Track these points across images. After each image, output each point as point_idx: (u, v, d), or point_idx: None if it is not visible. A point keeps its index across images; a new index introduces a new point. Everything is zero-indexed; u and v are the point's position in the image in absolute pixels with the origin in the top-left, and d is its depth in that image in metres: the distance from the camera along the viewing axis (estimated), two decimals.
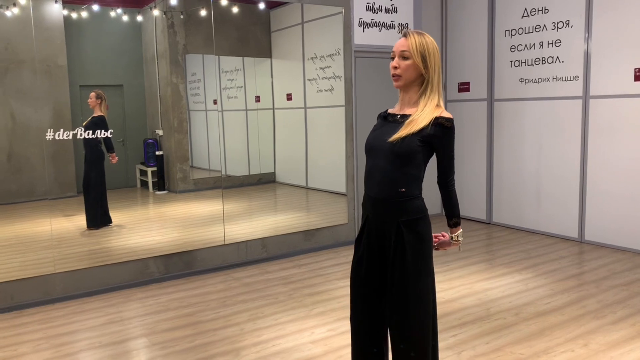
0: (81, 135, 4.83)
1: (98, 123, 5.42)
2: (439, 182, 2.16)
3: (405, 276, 2.08)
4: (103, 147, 5.56)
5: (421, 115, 2.04)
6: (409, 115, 2.08)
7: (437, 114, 2.05)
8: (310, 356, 3.24)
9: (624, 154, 5.30)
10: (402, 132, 2.04)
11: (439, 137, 2.05)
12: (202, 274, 4.94)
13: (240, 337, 3.54)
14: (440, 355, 3.24)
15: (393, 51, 2.12)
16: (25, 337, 3.65)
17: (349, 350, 3.25)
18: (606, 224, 5.51)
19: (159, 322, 3.83)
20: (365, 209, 2.20)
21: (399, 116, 2.13)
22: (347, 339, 3.46)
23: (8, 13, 5.96)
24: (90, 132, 5.18)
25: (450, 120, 2.05)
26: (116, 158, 5.52)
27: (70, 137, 4.95)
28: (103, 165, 5.68)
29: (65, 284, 4.37)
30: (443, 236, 2.26)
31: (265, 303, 4.16)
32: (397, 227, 2.07)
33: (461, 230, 2.23)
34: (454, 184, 2.16)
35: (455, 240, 2.24)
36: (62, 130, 4.89)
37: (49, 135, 4.62)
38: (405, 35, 2.10)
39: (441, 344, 3.38)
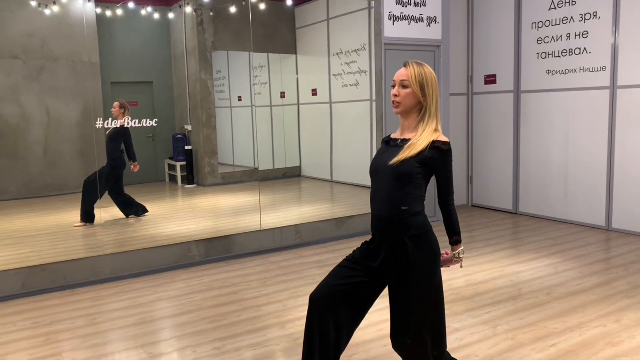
0: (128, 124, 5.03)
1: (120, 133, 5.60)
2: (439, 202, 2.30)
3: (410, 289, 2.19)
4: (125, 157, 5.75)
5: (419, 139, 2.20)
6: (409, 140, 2.24)
7: (434, 137, 2.20)
8: None
9: None
10: (401, 155, 2.19)
11: (436, 159, 2.19)
12: (240, 257, 5.15)
13: (283, 312, 3.73)
14: (476, 329, 3.40)
15: (394, 80, 2.29)
16: (80, 312, 3.88)
17: (388, 324, 3.42)
18: (633, 211, 5.59)
19: (205, 300, 4.03)
20: (373, 228, 2.33)
21: (399, 140, 2.28)
22: (384, 314, 3.62)
23: (46, 12, 6.23)
24: (113, 136, 5.39)
25: (446, 143, 2.20)
26: (138, 167, 5.71)
27: (118, 125, 5.17)
28: (121, 174, 5.84)
29: (113, 265, 4.60)
30: (446, 254, 2.37)
31: (303, 283, 4.35)
32: (402, 242, 2.20)
33: (462, 247, 2.35)
34: (453, 203, 2.29)
35: (457, 258, 2.35)
36: (110, 119, 5.11)
37: (99, 124, 4.84)
38: (405, 65, 2.27)
39: (475, 320, 3.53)
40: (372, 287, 2.30)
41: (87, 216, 5.61)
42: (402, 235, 2.19)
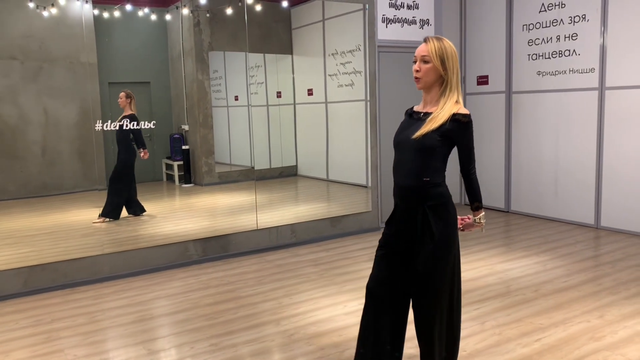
0: (126, 126, 5.13)
1: (129, 120, 5.68)
2: (461, 171, 2.42)
3: (433, 255, 2.33)
4: (134, 145, 5.84)
5: (441, 112, 2.30)
6: (431, 113, 2.34)
7: (455, 110, 2.29)
8: (344, 325, 3.53)
9: (638, 142, 5.51)
10: (424, 129, 2.29)
11: (457, 131, 2.29)
12: (237, 256, 5.26)
13: (279, 310, 3.84)
14: (465, 325, 3.51)
15: (415, 56, 2.38)
16: (81, 310, 3.98)
17: None
18: (622, 210, 5.72)
19: (202, 298, 4.14)
20: (395, 197, 2.46)
21: (422, 114, 2.39)
22: None
23: (44, 13, 6.31)
24: (126, 122, 5.47)
25: (467, 115, 2.30)
26: (147, 154, 5.81)
27: (117, 128, 5.27)
28: (133, 162, 5.94)
29: (112, 265, 4.71)
30: (468, 219, 2.51)
31: (298, 281, 4.46)
32: (423, 211, 2.33)
33: (483, 213, 2.49)
34: (474, 171, 2.41)
35: (478, 222, 2.49)
36: (109, 121, 5.20)
37: (98, 126, 4.94)
38: (425, 41, 2.36)
39: (465, 316, 3.64)
40: (408, 265, 2.44)
41: (114, 212, 5.70)
42: (423, 205, 2.32)
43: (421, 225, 2.33)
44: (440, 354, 2.46)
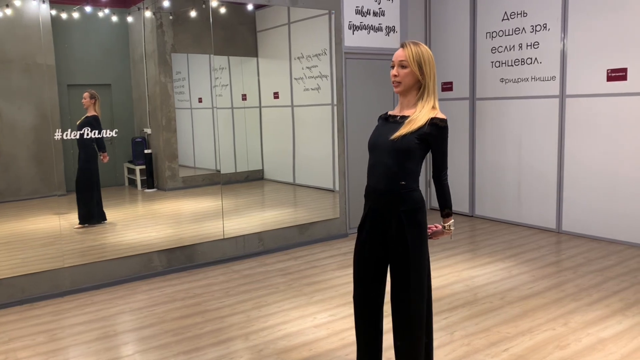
0: (88, 135, 4.98)
1: (92, 123, 5.53)
2: (433, 176, 2.45)
3: (406, 257, 2.36)
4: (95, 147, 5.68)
5: (419, 115, 2.32)
6: (408, 116, 2.34)
7: (432, 115, 2.32)
8: (314, 339, 3.50)
9: (598, 149, 5.68)
10: (402, 130, 2.31)
11: (434, 135, 2.32)
12: (203, 267, 5.16)
13: (247, 323, 3.78)
14: (435, 335, 3.52)
15: (392, 61, 2.39)
16: (40, 327, 3.83)
17: (350, 332, 3.52)
18: (582, 215, 5.88)
19: (167, 312, 4.04)
20: (369, 200, 2.46)
21: (399, 117, 2.40)
22: (348, 322, 3.72)
23: None
24: (87, 130, 5.31)
25: (444, 120, 2.34)
26: (107, 157, 5.66)
27: (78, 137, 5.10)
28: (97, 164, 5.80)
29: (74, 278, 4.55)
30: (436, 227, 2.52)
31: (266, 292, 4.41)
32: (398, 216, 2.33)
33: (453, 220, 2.51)
34: (446, 178, 2.45)
35: (448, 229, 2.51)
36: (69, 130, 5.03)
37: (57, 135, 4.77)
38: (402, 46, 2.37)
39: (434, 326, 3.66)
40: (383, 267, 2.51)
41: (87, 217, 5.50)
42: (398, 209, 2.33)
43: (395, 231, 2.34)
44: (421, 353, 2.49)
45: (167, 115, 7.65)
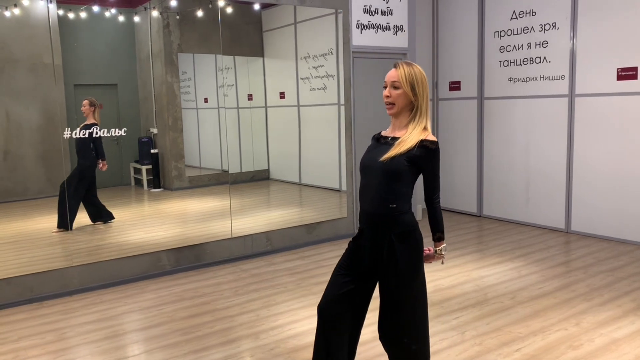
0: (96, 134, 4.97)
1: (87, 136, 5.50)
2: (425, 199, 2.39)
3: (398, 283, 2.29)
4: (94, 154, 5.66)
5: (409, 137, 2.27)
6: (399, 138, 2.31)
7: (423, 137, 2.27)
8: None
9: (607, 149, 5.64)
10: (392, 152, 2.26)
11: (424, 157, 2.26)
12: (211, 266, 5.15)
13: (257, 322, 3.76)
14: (445, 335, 3.51)
15: (385, 81, 2.35)
16: (49, 326, 3.82)
17: (364, 331, 3.49)
18: (591, 215, 5.84)
19: (176, 311, 4.03)
20: (361, 223, 2.41)
21: (389, 138, 2.35)
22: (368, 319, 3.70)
23: (5, 13, 6.06)
24: (83, 136, 5.28)
25: (434, 142, 2.28)
26: (106, 166, 5.64)
27: (87, 135, 5.10)
28: (94, 172, 5.76)
29: (82, 277, 4.54)
30: (429, 250, 2.45)
31: (275, 292, 4.39)
32: (389, 240, 2.29)
33: (445, 245, 2.44)
34: (439, 201, 2.37)
35: (439, 254, 2.44)
36: (78, 129, 5.03)
37: (66, 134, 4.77)
38: (395, 67, 2.33)
39: (444, 326, 3.65)
40: (366, 289, 2.41)
41: (64, 224, 5.49)
42: (389, 232, 2.27)
43: (387, 254, 2.28)
44: None
45: (173, 115, 7.65)
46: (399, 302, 2.30)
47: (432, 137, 2.28)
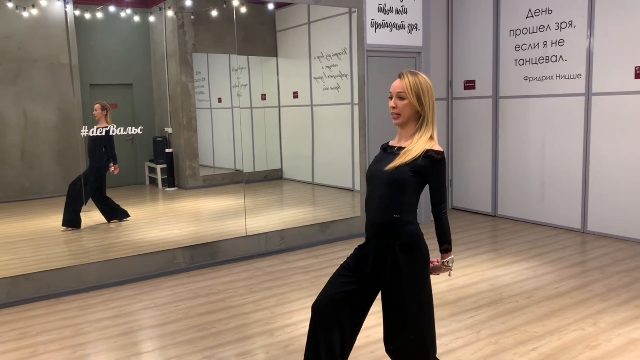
0: (113, 132, 5.02)
1: (104, 135, 5.56)
2: (432, 211, 2.36)
3: (402, 296, 2.26)
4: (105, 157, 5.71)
5: (414, 147, 2.25)
6: (405, 147, 2.29)
7: (428, 146, 2.24)
8: None
9: (624, 148, 5.58)
10: (396, 162, 2.24)
11: (429, 168, 2.24)
12: (226, 263, 5.18)
13: (271, 319, 3.78)
14: (460, 334, 3.50)
15: (390, 92, 2.33)
16: (67, 321, 3.87)
17: (375, 330, 3.50)
18: (608, 215, 5.78)
19: (192, 307, 4.06)
20: (366, 232, 2.40)
21: (395, 148, 2.34)
22: (373, 319, 3.69)
23: (23, 14, 6.14)
24: (99, 135, 5.32)
25: (440, 152, 2.25)
26: (117, 169, 5.69)
27: (103, 133, 5.15)
28: (105, 176, 5.81)
29: (98, 274, 4.59)
30: (436, 261, 2.43)
31: (289, 289, 4.40)
32: (393, 250, 2.26)
33: (452, 256, 2.40)
34: (445, 212, 2.34)
35: (446, 266, 2.39)
36: (95, 127, 5.09)
37: (84, 132, 4.83)
38: (400, 77, 2.30)
39: (459, 324, 3.63)
40: (368, 293, 2.37)
41: (72, 222, 5.56)
42: (394, 243, 2.25)
43: (391, 265, 2.26)
44: None
45: (187, 115, 7.71)
46: (403, 315, 2.27)
47: (437, 147, 2.25)
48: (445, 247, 2.36)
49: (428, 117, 2.28)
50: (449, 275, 2.49)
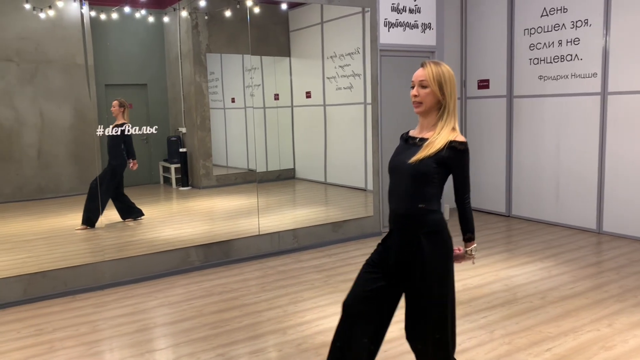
0: (128, 131, 5.07)
1: (123, 131, 5.61)
2: (455, 200, 2.36)
3: (425, 285, 2.27)
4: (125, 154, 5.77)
5: (437, 138, 2.25)
6: (427, 139, 2.29)
7: (451, 137, 2.25)
8: None
9: None
10: (420, 154, 2.24)
11: (453, 159, 2.24)
12: (239, 262, 5.20)
13: (284, 318, 3.79)
14: (474, 334, 3.48)
15: (412, 81, 2.33)
16: (83, 318, 3.92)
17: (390, 329, 3.49)
18: (624, 215, 5.72)
19: (205, 305, 4.09)
20: (390, 223, 2.41)
21: (418, 139, 2.33)
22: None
23: (40, 15, 6.23)
24: (116, 134, 5.38)
25: (463, 143, 2.25)
26: (137, 165, 5.75)
27: (119, 132, 5.20)
28: (123, 173, 5.86)
29: (113, 271, 4.64)
30: (459, 250, 2.43)
31: (302, 288, 4.42)
32: (418, 240, 2.27)
33: (475, 245, 2.41)
34: (469, 201, 2.34)
35: (469, 255, 2.40)
36: (110, 127, 5.14)
37: (99, 131, 4.88)
38: (422, 66, 2.31)
39: (473, 325, 3.62)
40: (394, 289, 2.38)
41: (90, 221, 5.63)
42: (418, 232, 2.26)
43: (415, 254, 2.26)
44: None
45: (201, 115, 7.76)
46: (426, 305, 2.27)
47: (461, 138, 2.26)
48: (469, 236, 2.37)
49: (449, 107, 2.28)
50: (473, 263, 2.48)
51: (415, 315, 2.33)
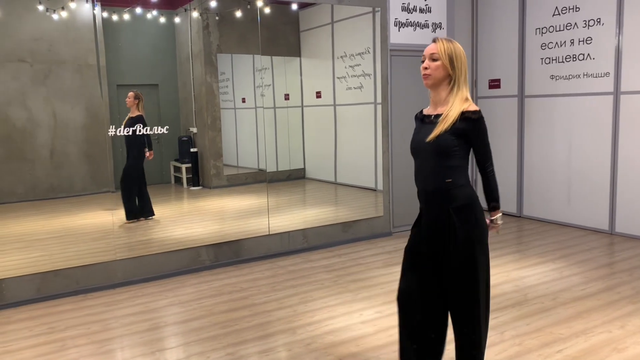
0: (140, 131, 5.11)
1: (141, 122, 5.67)
2: (478, 170, 2.38)
3: (458, 261, 2.28)
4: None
5: (451, 111, 2.27)
6: (442, 114, 2.30)
7: (464, 107, 2.26)
8: (361, 335, 3.49)
9: None
10: (437, 130, 2.26)
11: (469, 129, 2.25)
12: (249, 262, 5.22)
13: (294, 318, 3.80)
14: None
15: (423, 55, 2.35)
16: (94, 317, 3.95)
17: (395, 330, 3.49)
18: (637, 216, 5.66)
19: (216, 305, 4.10)
20: (421, 201, 2.42)
21: (432, 117, 2.35)
22: (395, 320, 3.69)
23: (53, 16, 6.29)
24: (139, 127, 5.43)
25: (476, 112, 2.25)
26: (152, 154, 5.80)
27: (130, 133, 5.24)
28: (143, 162, 5.94)
29: (125, 270, 4.68)
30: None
31: (312, 288, 4.42)
32: (448, 214, 2.28)
33: (500, 214, 2.41)
34: (492, 169, 2.35)
35: (494, 224, 2.42)
36: (122, 127, 5.18)
37: (111, 131, 4.93)
38: (434, 41, 2.34)
39: None
40: (439, 268, 2.40)
41: (135, 213, 5.70)
42: (448, 207, 2.28)
43: (447, 229, 2.28)
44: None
45: (212, 115, 7.79)
46: (461, 282, 2.29)
47: (473, 107, 2.27)
48: (494, 205, 2.38)
49: (459, 80, 2.29)
50: (497, 232, 2.48)
51: (450, 294, 2.37)
